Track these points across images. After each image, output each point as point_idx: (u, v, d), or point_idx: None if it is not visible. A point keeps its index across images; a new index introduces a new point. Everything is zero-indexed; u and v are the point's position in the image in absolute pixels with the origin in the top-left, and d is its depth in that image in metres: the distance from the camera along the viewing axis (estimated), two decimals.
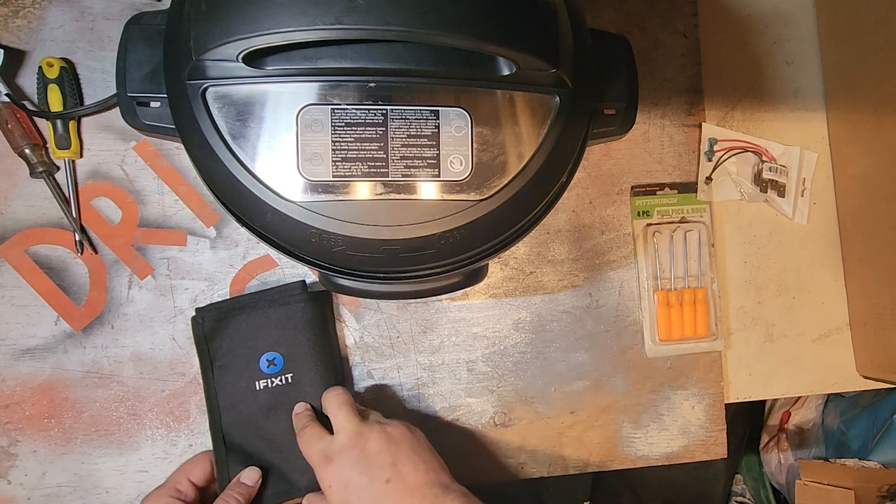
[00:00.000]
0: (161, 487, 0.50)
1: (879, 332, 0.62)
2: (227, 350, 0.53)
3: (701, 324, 0.62)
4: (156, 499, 0.49)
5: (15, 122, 0.52)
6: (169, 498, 0.48)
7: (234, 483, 0.51)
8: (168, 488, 0.50)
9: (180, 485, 0.50)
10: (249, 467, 0.52)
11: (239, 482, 0.51)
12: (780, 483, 1.07)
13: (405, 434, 0.48)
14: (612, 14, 0.63)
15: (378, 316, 0.58)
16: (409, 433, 0.48)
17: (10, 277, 0.54)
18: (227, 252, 0.56)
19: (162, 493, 0.49)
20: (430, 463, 0.47)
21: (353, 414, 0.49)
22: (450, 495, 0.44)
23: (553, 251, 0.61)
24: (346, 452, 0.46)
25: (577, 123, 0.40)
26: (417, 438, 0.48)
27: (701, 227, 0.63)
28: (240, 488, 0.50)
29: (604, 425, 0.61)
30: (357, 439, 0.47)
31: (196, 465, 0.52)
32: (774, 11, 0.67)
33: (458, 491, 0.45)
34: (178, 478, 0.51)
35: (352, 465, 0.45)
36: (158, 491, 0.49)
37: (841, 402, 0.97)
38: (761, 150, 0.65)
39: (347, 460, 0.46)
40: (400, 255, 0.38)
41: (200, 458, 0.53)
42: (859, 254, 0.64)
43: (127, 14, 0.53)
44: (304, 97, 0.36)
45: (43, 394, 0.54)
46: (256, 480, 0.51)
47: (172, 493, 0.49)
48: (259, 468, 0.52)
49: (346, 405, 0.49)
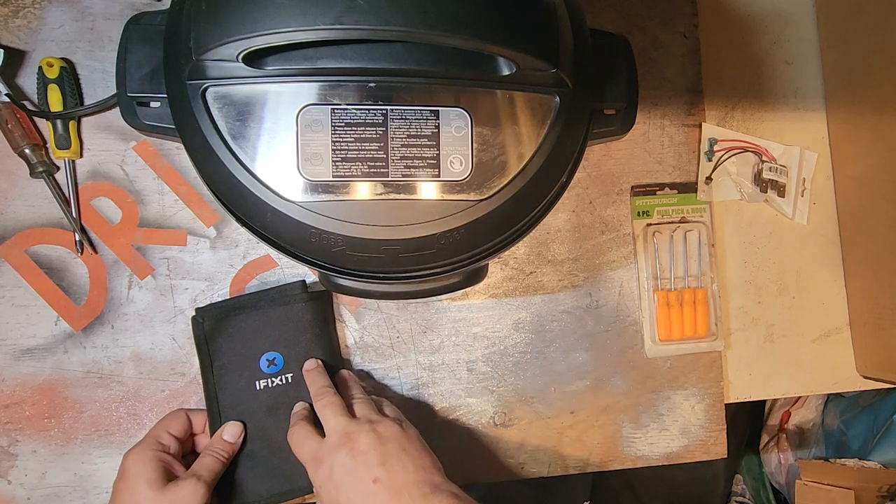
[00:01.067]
0: (143, 442, 0.49)
1: (879, 332, 0.62)
2: (227, 350, 0.53)
3: (701, 324, 0.62)
4: (141, 452, 0.48)
5: (15, 122, 0.52)
6: (154, 451, 0.48)
7: (216, 439, 0.51)
8: (150, 442, 0.49)
9: (162, 438, 0.50)
10: (231, 422, 0.52)
11: (220, 438, 0.51)
12: (780, 483, 1.07)
13: (395, 432, 0.47)
14: (612, 14, 0.63)
15: (378, 316, 0.58)
16: (401, 431, 0.47)
17: (10, 277, 0.54)
18: (227, 252, 0.57)
19: (146, 448, 0.48)
20: (420, 461, 0.46)
21: (341, 414, 0.48)
22: (439, 495, 0.43)
23: (553, 251, 0.61)
24: (335, 452, 0.46)
25: (577, 123, 0.40)
26: (409, 436, 0.48)
27: (701, 227, 0.63)
28: (222, 444, 0.50)
29: (604, 425, 0.61)
30: (345, 440, 0.46)
31: (173, 420, 0.52)
32: (774, 11, 0.67)
33: (447, 491, 0.44)
34: (159, 432, 0.50)
35: (340, 465, 0.45)
36: (141, 445, 0.49)
37: (841, 402, 0.97)
38: (761, 150, 0.65)
39: (336, 460, 0.45)
40: (400, 255, 0.38)
41: (176, 413, 0.53)
42: (859, 254, 0.64)
43: (127, 14, 0.53)
44: (304, 97, 0.36)
45: (43, 394, 0.54)
46: (238, 436, 0.51)
47: (156, 447, 0.49)
48: (243, 425, 0.52)
49: (331, 405, 0.49)
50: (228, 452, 0.50)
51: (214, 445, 0.50)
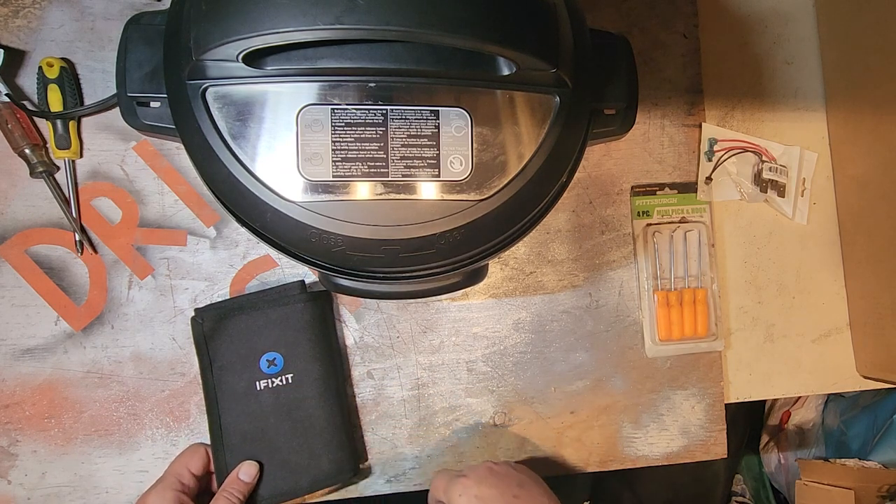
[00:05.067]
0: (163, 481, 0.50)
1: (879, 332, 0.62)
2: (226, 350, 0.53)
3: (701, 324, 0.62)
4: (161, 493, 0.48)
5: (15, 122, 0.52)
6: (175, 492, 0.48)
7: (232, 479, 0.51)
8: (171, 481, 0.49)
9: (183, 477, 0.50)
10: (247, 462, 0.52)
11: (237, 479, 0.51)
12: (780, 483, 1.07)
13: (527, 468, 0.53)
14: (612, 14, 0.63)
15: (378, 316, 0.58)
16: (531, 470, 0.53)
17: (10, 277, 0.54)
18: (227, 252, 0.56)
19: (167, 488, 0.49)
20: (552, 496, 0.50)
21: None
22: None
23: (553, 251, 0.61)
24: (477, 470, 0.50)
25: (577, 123, 0.40)
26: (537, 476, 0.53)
27: (701, 227, 0.63)
28: (237, 485, 0.51)
29: (604, 425, 0.61)
30: (484, 464, 0.51)
31: (193, 456, 0.52)
32: (774, 11, 0.67)
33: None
34: (180, 470, 0.51)
35: (482, 479, 0.49)
36: (162, 485, 0.49)
37: (841, 402, 0.97)
38: (761, 150, 0.65)
39: (478, 475, 0.50)
40: (400, 255, 0.38)
41: (196, 448, 0.53)
42: (859, 254, 0.64)
43: (127, 14, 0.53)
44: (304, 97, 0.36)
45: (43, 394, 0.54)
46: (254, 476, 0.51)
47: (177, 487, 0.49)
48: (259, 465, 0.52)
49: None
50: (244, 493, 0.51)
51: (230, 486, 0.51)
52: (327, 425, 0.54)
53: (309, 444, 0.53)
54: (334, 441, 0.54)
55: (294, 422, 0.53)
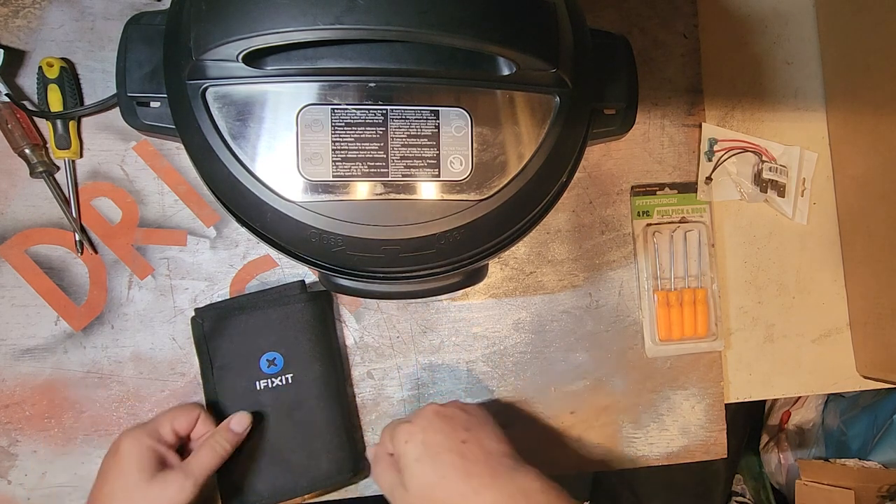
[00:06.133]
0: (144, 427, 0.49)
1: (879, 332, 0.62)
2: (226, 350, 0.53)
3: (701, 324, 0.62)
4: (138, 438, 0.47)
5: (15, 122, 0.52)
6: (151, 440, 0.47)
7: (223, 428, 0.50)
8: (151, 429, 0.48)
9: (163, 430, 0.49)
10: (240, 412, 0.51)
11: (227, 428, 0.50)
12: (780, 483, 1.07)
13: (477, 408, 0.51)
14: (612, 14, 0.63)
15: (378, 316, 0.58)
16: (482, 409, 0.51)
17: (10, 277, 0.54)
18: (227, 252, 0.56)
19: (143, 435, 0.47)
20: (500, 436, 0.49)
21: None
22: (523, 469, 0.45)
23: (553, 251, 0.61)
24: (423, 413, 0.49)
25: (577, 123, 0.40)
26: (487, 413, 0.51)
27: (701, 227, 0.63)
28: (227, 434, 0.50)
29: (604, 425, 0.61)
30: (430, 406, 0.49)
31: (182, 415, 0.51)
32: (774, 11, 0.67)
33: (531, 469, 0.46)
34: (163, 423, 0.49)
35: (428, 423, 0.47)
36: (141, 431, 0.48)
37: (841, 402, 0.97)
38: (761, 150, 0.65)
39: (424, 419, 0.48)
40: (400, 255, 0.38)
41: (189, 408, 0.51)
42: (859, 254, 0.64)
43: (127, 14, 0.53)
44: (304, 97, 0.36)
45: (43, 394, 0.54)
46: (246, 426, 0.51)
47: (154, 436, 0.48)
48: (251, 416, 0.52)
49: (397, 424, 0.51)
50: (232, 443, 0.50)
51: (218, 435, 0.50)
52: (327, 425, 0.54)
53: (309, 444, 0.53)
54: (334, 441, 0.54)
55: (294, 422, 0.53)
